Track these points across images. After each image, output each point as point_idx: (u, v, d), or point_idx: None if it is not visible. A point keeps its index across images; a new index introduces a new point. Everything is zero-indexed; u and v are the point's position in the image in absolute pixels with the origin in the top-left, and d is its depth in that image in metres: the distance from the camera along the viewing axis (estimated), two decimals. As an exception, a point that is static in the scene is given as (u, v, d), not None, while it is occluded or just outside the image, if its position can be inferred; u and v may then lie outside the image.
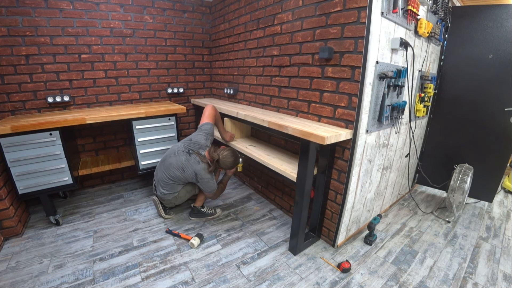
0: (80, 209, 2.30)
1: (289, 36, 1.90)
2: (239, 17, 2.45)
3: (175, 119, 2.41)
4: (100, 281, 1.52)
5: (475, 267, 1.70)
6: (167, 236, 1.96)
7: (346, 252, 1.82)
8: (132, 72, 2.65)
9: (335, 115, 1.66)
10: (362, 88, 1.47)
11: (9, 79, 2.11)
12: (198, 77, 3.11)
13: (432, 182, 2.57)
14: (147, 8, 2.57)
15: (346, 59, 1.53)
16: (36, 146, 1.83)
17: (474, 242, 1.97)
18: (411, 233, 2.06)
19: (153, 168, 2.40)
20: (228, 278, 1.58)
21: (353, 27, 1.46)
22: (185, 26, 2.84)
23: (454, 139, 2.44)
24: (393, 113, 1.78)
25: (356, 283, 1.55)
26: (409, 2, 1.54)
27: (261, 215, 2.28)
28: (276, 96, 2.14)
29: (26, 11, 2.05)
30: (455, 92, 2.34)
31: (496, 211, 2.45)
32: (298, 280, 1.57)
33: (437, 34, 2.01)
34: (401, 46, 1.59)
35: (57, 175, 1.96)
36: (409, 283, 1.55)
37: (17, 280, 1.51)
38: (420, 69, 2.03)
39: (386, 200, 2.31)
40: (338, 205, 1.75)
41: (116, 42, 2.49)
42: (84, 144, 2.61)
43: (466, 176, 2.15)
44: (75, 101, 2.44)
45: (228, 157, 1.97)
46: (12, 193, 1.95)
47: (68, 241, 1.87)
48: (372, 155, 1.77)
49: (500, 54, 2.07)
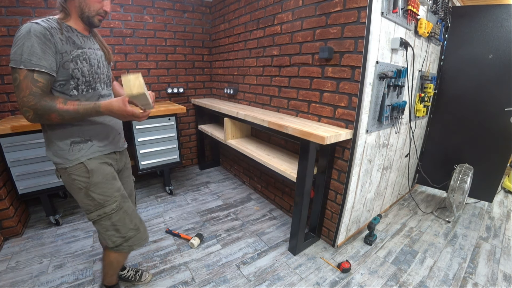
0: (80, 209, 2.30)
1: (289, 36, 1.90)
2: (239, 17, 2.45)
3: (175, 119, 2.41)
4: (100, 281, 1.52)
5: (475, 267, 1.70)
6: (167, 236, 1.96)
7: (346, 252, 1.82)
8: (132, 72, 2.65)
9: (335, 115, 1.66)
10: (362, 88, 1.47)
11: (9, 79, 2.11)
12: (198, 77, 3.11)
13: (432, 182, 2.57)
14: (147, 8, 2.57)
15: (346, 59, 1.53)
16: (36, 146, 1.83)
17: (474, 242, 1.97)
18: (411, 233, 2.06)
19: (153, 168, 2.41)
20: (228, 278, 1.58)
21: (353, 27, 1.46)
22: (185, 26, 2.84)
23: (454, 139, 2.44)
24: (393, 113, 1.78)
25: (356, 283, 1.55)
26: (409, 2, 1.54)
27: (261, 215, 2.28)
28: (276, 96, 2.14)
29: (26, 11, 2.05)
30: (455, 92, 2.34)
31: (496, 211, 2.45)
32: (298, 280, 1.57)
33: (437, 34, 2.01)
34: (401, 46, 1.59)
35: (57, 175, 1.96)
36: (409, 283, 1.55)
37: (17, 280, 1.51)
38: (420, 69, 2.03)
39: (386, 200, 2.31)
40: (338, 205, 1.75)
41: (116, 42, 2.49)
42: (84, 144, 2.60)
43: (466, 176, 2.15)
44: (75, 101, 2.43)
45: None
46: (12, 193, 1.94)
47: (68, 241, 1.87)
48: (372, 155, 1.77)
49: (500, 54, 2.07)
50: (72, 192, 1.08)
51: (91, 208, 1.07)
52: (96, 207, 1.07)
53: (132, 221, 1.15)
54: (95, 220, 1.09)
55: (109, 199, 1.08)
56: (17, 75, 0.85)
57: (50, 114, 0.90)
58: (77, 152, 1.03)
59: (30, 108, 0.87)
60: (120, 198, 1.12)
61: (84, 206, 1.08)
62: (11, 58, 0.86)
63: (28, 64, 0.85)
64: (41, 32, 0.87)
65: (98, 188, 1.06)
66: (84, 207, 1.09)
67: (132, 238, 1.15)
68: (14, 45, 0.86)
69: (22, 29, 0.87)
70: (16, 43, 0.85)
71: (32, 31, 0.85)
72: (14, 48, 0.85)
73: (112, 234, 1.11)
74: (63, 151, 1.02)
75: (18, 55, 0.84)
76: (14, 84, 0.87)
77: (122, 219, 1.12)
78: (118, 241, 1.12)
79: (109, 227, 1.10)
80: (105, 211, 1.08)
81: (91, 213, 1.08)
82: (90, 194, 1.05)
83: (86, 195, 1.05)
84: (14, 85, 0.87)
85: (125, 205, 1.14)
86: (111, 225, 1.10)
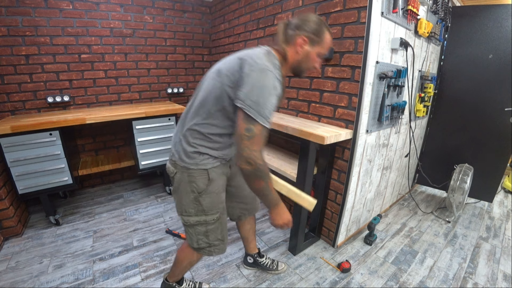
0: (80, 209, 2.30)
1: (289, 36, 1.90)
2: (239, 17, 2.45)
3: (175, 119, 2.41)
4: (100, 281, 1.52)
5: (475, 267, 1.70)
6: (167, 236, 1.96)
7: (346, 252, 1.82)
8: (132, 72, 2.65)
9: (335, 115, 1.66)
10: (362, 88, 1.47)
11: (9, 79, 2.11)
12: (198, 77, 3.10)
13: (432, 182, 2.57)
14: (147, 8, 2.57)
15: (346, 59, 1.53)
16: (36, 146, 1.83)
17: (474, 242, 1.97)
18: (411, 233, 2.06)
19: (153, 168, 2.41)
20: (228, 278, 1.58)
21: (353, 27, 1.46)
22: (185, 26, 2.84)
23: (454, 139, 2.44)
24: (393, 113, 1.78)
25: (356, 283, 1.55)
26: (409, 2, 1.54)
27: (261, 215, 2.27)
28: (276, 96, 2.13)
29: (26, 11, 2.05)
30: (455, 92, 2.34)
31: (496, 211, 2.45)
32: (298, 280, 1.57)
33: (437, 34, 2.01)
34: (401, 46, 1.59)
35: (57, 175, 1.96)
36: (409, 283, 1.55)
37: (17, 280, 1.51)
38: (420, 69, 2.03)
39: (386, 200, 2.31)
40: (338, 205, 1.75)
41: (116, 42, 2.49)
42: (84, 144, 2.60)
43: (466, 176, 2.15)
44: (75, 101, 2.44)
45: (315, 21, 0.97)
46: (12, 193, 1.94)
47: (68, 241, 1.87)
48: (372, 155, 1.77)
49: (500, 54, 2.07)
50: (180, 192, 1.06)
51: (192, 212, 1.07)
52: (199, 213, 1.07)
53: (221, 232, 1.16)
54: (191, 223, 1.08)
55: (214, 209, 1.08)
56: (253, 126, 0.82)
57: (261, 181, 0.90)
58: (205, 159, 1.02)
59: (255, 164, 0.85)
60: (222, 209, 1.13)
61: (184, 208, 1.07)
62: (251, 105, 0.81)
63: (266, 123, 0.84)
64: (281, 90, 0.89)
65: (209, 197, 1.06)
66: (183, 209, 1.07)
67: (216, 247, 1.16)
68: (258, 91, 0.82)
69: (269, 77, 0.83)
70: (262, 93, 0.82)
71: (277, 86, 0.85)
72: (259, 97, 0.81)
73: (200, 238, 1.12)
74: (195, 156, 1.01)
75: (261, 107, 0.82)
76: (247, 133, 0.83)
77: (216, 229, 1.12)
78: (203, 245, 1.14)
79: (201, 232, 1.11)
80: (206, 219, 1.08)
81: (190, 217, 1.07)
82: (200, 200, 1.04)
83: (195, 200, 1.04)
84: (247, 134, 0.83)
85: (223, 217, 1.15)
86: (204, 231, 1.11)
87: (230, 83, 0.89)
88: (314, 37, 0.95)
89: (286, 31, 0.98)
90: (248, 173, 0.88)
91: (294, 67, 1.01)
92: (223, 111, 0.94)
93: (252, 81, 0.83)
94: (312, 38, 0.96)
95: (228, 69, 0.91)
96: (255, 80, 0.83)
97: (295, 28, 0.96)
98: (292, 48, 0.97)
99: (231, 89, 0.89)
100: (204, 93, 0.97)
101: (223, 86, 0.91)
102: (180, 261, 1.25)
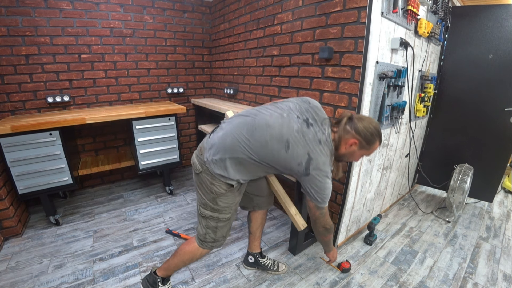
0: (80, 209, 2.30)
1: (289, 36, 1.90)
2: (239, 17, 2.45)
3: (175, 119, 2.41)
4: (100, 281, 1.52)
5: (475, 267, 1.70)
6: (167, 236, 1.96)
7: (346, 252, 1.82)
8: (132, 72, 2.65)
9: (335, 115, 1.66)
10: (362, 88, 1.47)
11: (9, 79, 2.11)
12: (198, 77, 3.11)
13: (432, 182, 2.57)
14: (147, 8, 2.57)
15: (346, 59, 1.53)
16: (36, 146, 1.83)
17: (474, 242, 1.97)
18: (411, 233, 2.06)
19: (153, 168, 2.41)
20: (228, 278, 1.58)
21: (353, 27, 1.46)
22: (185, 26, 2.84)
23: (454, 139, 2.44)
24: (393, 113, 1.78)
25: (356, 283, 1.55)
26: (409, 2, 1.54)
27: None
28: (276, 96, 2.14)
29: (26, 11, 2.05)
30: (455, 92, 2.33)
31: (496, 211, 2.45)
32: (298, 280, 1.57)
33: (437, 34, 2.01)
34: (401, 46, 1.59)
35: (57, 175, 1.96)
36: (409, 283, 1.55)
37: (17, 280, 1.51)
38: (420, 69, 2.03)
39: (386, 200, 2.31)
40: (338, 205, 1.75)
41: (116, 42, 2.49)
42: (84, 144, 2.61)
43: (466, 176, 2.14)
44: (75, 101, 2.44)
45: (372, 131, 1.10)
46: (12, 193, 1.95)
47: (68, 241, 1.87)
48: (372, 155, 1.77)
49: (500, 54, 2.07)
50: (201, 188, 1.19)
51: (208, 206, 1.19)
52: (214, 210, 1.19)
53: (227, 231, 1.29)
54: (205, 216, 1.22)
55: (227, 210, 1.21)
56: (323, 210, 1.20)
57: (329, 235, 1.34)
58: (233, 181, 1.15)
59: (330, 227, 1.29)
60: (234, 211, 1.26)
61: (203, 201, 1.20)
62: (322, 198, 1.13)
63: (328, 202, 1.18)
64: None
65: (226, 199, 1.18)
66: (202, 202, 1.21)
67: (218, 242, 1.28)
68: (323, 190, 1.11)
69: (329, 175, 1.10)
70: (325, 187, 1.11)
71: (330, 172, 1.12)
72: (324, 192, 1.12)
73: (208, 232, 1.24)
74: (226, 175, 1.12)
75: (326, 197, 1.14)
76: (321, 215, 1.21)
77: (223, 227, 1.25)
78: (208, 239, 1.25)
79: (211, 227, 1.23)
80: (219, 216, 1.21)
81: (206, 209, 1.21)
82: (217, 201, 1.17)
83: (213, 199, 1.17)
84: (321, 216, 1.22)
85: (232, 218, 1.27)
86: (213, 226, 1.23)
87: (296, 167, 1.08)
88: (364, 144, 1.11)
89: (346, 125, 1.12)
90: (324, 232, 1.30)
91: (339, 155, 1.17)
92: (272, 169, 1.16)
93: (319, 184, 1.09)
94: (363, 145, 1.11)
95: (298, 156, 1.06)
96: (321, 183, 1.09)
97: (353, 129, 1.10)
98: (344, 142, 1.13)
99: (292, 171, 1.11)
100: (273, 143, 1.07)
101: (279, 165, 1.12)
102: (183, 253, 1.30)
